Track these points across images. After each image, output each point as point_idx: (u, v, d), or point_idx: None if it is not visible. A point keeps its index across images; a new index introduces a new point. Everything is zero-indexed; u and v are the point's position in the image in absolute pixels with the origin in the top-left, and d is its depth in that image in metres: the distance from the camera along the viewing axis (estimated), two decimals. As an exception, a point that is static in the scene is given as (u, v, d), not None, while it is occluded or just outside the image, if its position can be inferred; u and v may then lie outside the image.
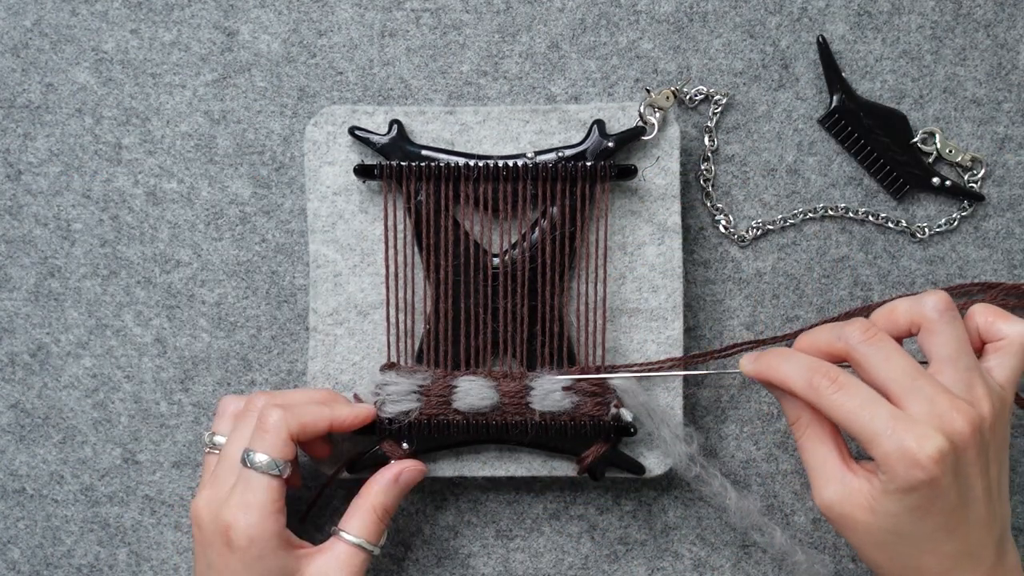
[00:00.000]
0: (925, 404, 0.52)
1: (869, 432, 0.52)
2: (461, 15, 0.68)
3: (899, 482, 0.52)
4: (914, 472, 0.51)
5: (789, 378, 0.56)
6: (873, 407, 0.53)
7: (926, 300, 0.56)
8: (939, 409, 0.52)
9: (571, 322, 0.65)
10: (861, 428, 0.53)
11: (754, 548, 0.69)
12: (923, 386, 0.53)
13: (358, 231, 0.65)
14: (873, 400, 0.53)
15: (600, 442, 0.64)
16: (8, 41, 0.69)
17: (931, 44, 0.68)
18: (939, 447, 0.51)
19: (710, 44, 0.68)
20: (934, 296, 0.56)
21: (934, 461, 0.51)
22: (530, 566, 0.69)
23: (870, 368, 0.54)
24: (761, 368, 0.58)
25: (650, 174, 0.65)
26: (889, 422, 0.52)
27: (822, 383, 0.54)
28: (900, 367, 0.54)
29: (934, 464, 0.51)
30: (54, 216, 0.69)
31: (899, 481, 0.52)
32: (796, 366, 0.56)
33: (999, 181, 0.68)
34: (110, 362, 0.69)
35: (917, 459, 0.51)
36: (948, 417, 0.52)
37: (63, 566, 0.69)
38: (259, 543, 0.57)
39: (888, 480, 0.52)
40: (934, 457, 0.51)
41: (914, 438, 0.51)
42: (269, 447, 0.58)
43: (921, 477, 0.51)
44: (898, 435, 0.51)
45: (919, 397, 0.53)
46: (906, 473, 0.51)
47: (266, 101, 0.68)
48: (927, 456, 0.51)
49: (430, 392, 0.63)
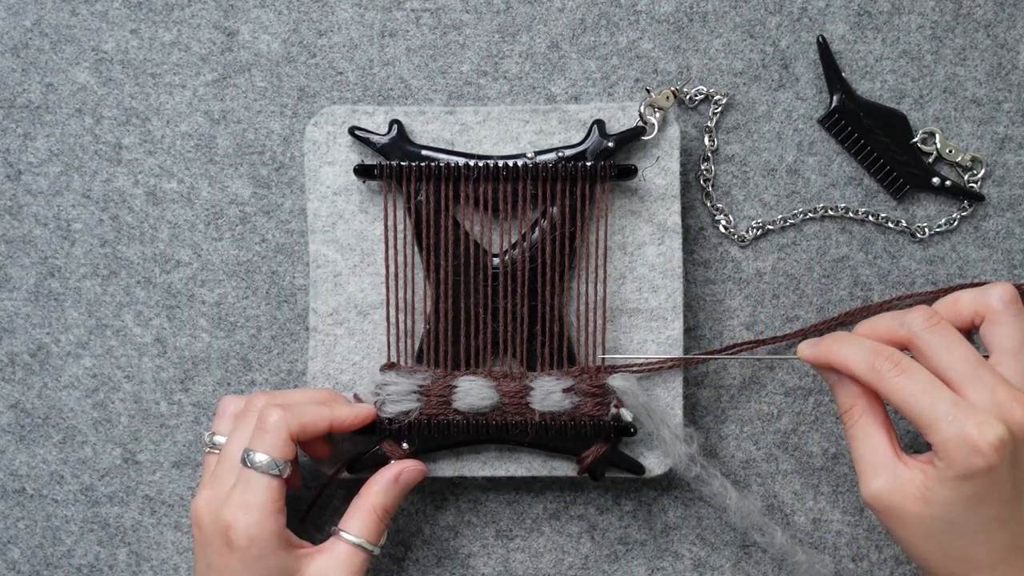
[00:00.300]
0: (986, 393, 0.52)
1: (929, 417, 0.52)
2: (461, 15, 0.68)
3: (957, 469, 0.52)
4: (973, 459, 0.51)
5: (851, 360, 0.56)
6: (935, 392, 0.53)
7: (991, 291, 0.56)
8: (1000, 399, 0.52)
9: (571, 322, 0.65)
10: (921, 412, 0.53)
11: (754, 548, 0.69)
12: (984, 375, 0.53)
13: (358, 231, 0.65)
14: (935, 386, 0.53)
15: (600, 442, 0.64)
16: (8, 41, 0.69)
17: (931, 44, 0.68)
18: (999, 435, 0.51)
19: (710, 44, 0.68)
20: (1000, 287, 0.56)
21: (994, 448, 0.51)
22: (530, 566, 0.69)
23: (932, 355, 0.54)
24: (821, 352, 0.57)
25: (650, 174, 0.65)
26: (950, 408, 0.52)
27: (884, 366, 0.54)
28: (962, 355, 0.54)
29: (994, 452, 0.51)
30: (54, 216, 0.69)
31: (957, 468, 0.52)
32: (858, 349, 0.56)
33: (999, 181, 0.68)
34: (110, 362, 0.69)
35: (977, 446, 0.51)
36: (1008, 407, 0.52)
37: (63, 566, 0.69)
38: (259, 543, 0.57)
39: (946, 467, 0.52)
40: (994, 444, 0.51)
41: (975, 425, 0.51)
42: (269, 447, 0.58)
43: (980, 464, 0.51)
44: (959, 421, 0.52)
45: (980, 386, 0.53)
46: (965, 460, 0.51)
47: (266, 101, 0.68)
48: (987, 443, 0.51)
49: (430, 392, 0.63)
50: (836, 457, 0.68)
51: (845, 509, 0.69)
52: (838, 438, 0.68)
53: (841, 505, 0.68)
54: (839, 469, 0.68)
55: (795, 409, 0.68)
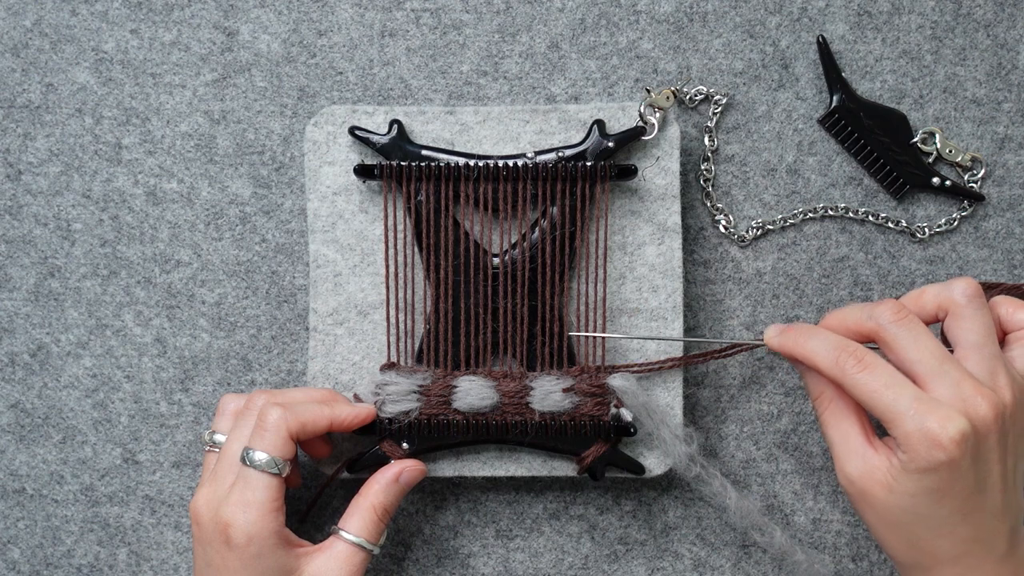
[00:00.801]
0: (950, 387, 0.53)
1: (892, 412, 0.53)
2: (461, 15, 0.68)
3: (919, 462, 0.52)
4: (935, 453, 0.52)
5: (815, 355, 0.56)
6: (897, 388, 0.53)
7: (955, 286, 0.56)
8: (964, 393, 0.53)
9: (571, 322, 0.65)
10: (885, 408, 0.53)
11: (754, 548, 0.69)
12: (949, 370, 0.53)
13: (358, 231, 0.65)
14: (897, 381, 0.54)
15: (600, 442, 0.64)
16: (8, 41, 0.69)
17: (931, 44, 0.68)
18: (961, 429, 0.51)
19: (710, 44, 0.68)
20: (963, 282, 0.56)
21: (955, 443, 0.51)
22: (530, 566, 0.69)
23: (899, 349, 0.55)
24: (787, 342, 0.58)
25: (650, 174, 0.65)
26: (912, 403, 0.52)
27: (848, 362, 0.55)
28: (928, 349, 0.54)
29: (955, 446, 0.51)
30: (54, 216, 0.69)
31: (919, 461, 0.52)
32: (823, 343, 0.56)
33: (999, 181, 0.68)
34: (110, 362, 0.69)
35: (939, 440, 0.51)
36: (972, 402, 0.52)
37: (63, 566, 0.69)
38: (258, 541, 0.57)
39: (908, 460, 0.52)
40: (955, 439, 0.51)
41: (937, 420, 0.52)
42: (269, 445, 0.58)
43: (941, 458, 0.52)
44: (921, 416, 0.52)
45: (945, 380, 0.53)
46: (927, 453, 0.52)
47: (266, 101, 0.68)
48: (949, 438, 0.51)
49: (430, 392, 0.63)
50: (836, 457, 0.68)
51: (845, 509, 0.68)
52: (838, 438, 0.68)
53: (841, 505, 0.68)
54: (839, 469, 0.68)
55: (795, 409, 0.68)
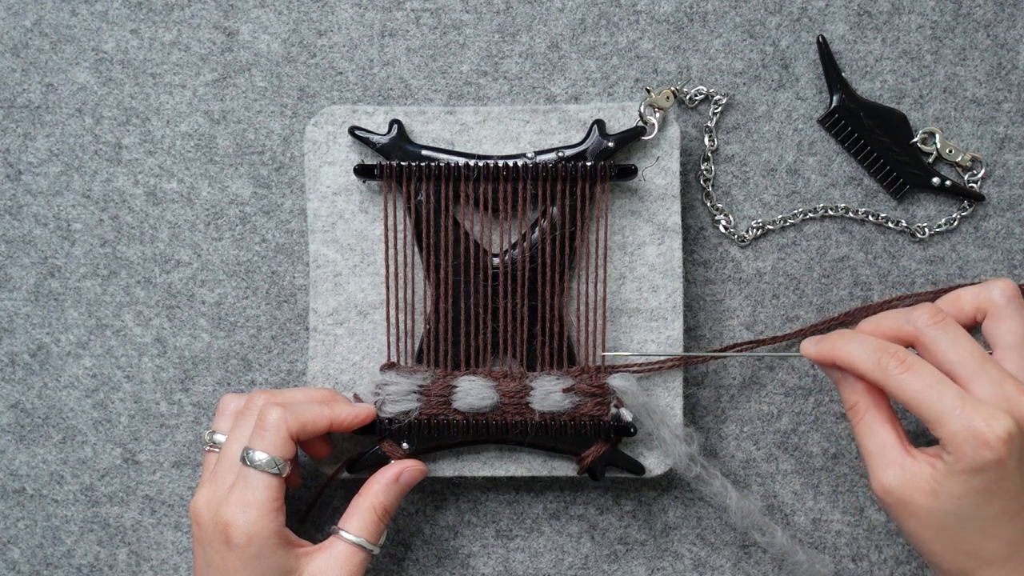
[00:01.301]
0: (992, 387, 0.53)
1: (937, 412, 0.53)
2: (461, 15, 0.68)
3: (966, 462, 0.52)
4: (982, 452, 0.51)
5: (856, 358, 0.56)
6: (941, 387, 0.53)
7: (993, 287, 0.57)
8: (1006, 392, 0.53)
9: (571, 322, 0.65)
10: (929, 408, 0.53)
11: (754, 548, 0.69)
12: (990, 370, 0.53)
13: (358, 231, 0.65)
14: (941, 381, 0.53)
15: (600, 442, 0.64)
16: (8, 41, 0.69)
17: (931, 44, 0.68)
18: (1008, 428, 0.51)
19: (710, 44, 0.68)
20: (1001, 283, 0.57)
21: (1002, 441, 0.51)
22: (530, 566, 0.69)
23: (938, 351, 0.55)
24: (825, 350, 0.57)
25: (650, 174, 0.65)
26: (957, 402, 0.52)
27: (890, 363, 0.54)
28: (968, 350, 0.54)
29: (1002, 444, 0.51)
30: (54, 216, 0.69)
31: (966, 461, 0.52)
32: (863, 347, 0.56)
33: (999, 181, 0.68)
34: (110, 362, 0.69)
35: (986, 439, 0.51)
36: (1015, 400, 0.52)
37: (63, 566, 0.69)
38: (258, 541, 0.57)
39: (955, 461, 0.52)
40: (1003, 437, 0.51)
41: (983, 419, 0.51)
42: (269, 445, 0.58)
43: (989, 457, 0.51)
44: (967, 415, 0.52)
45: (986, 380, 0.53)
46: (974, 453, 0.51)
47: (266, 101, 0.68)
48: (996, 436, 0.51)
49: (430, 392, 0.63)
50: (836, 457, 0.68)
51: (845, 509, 0.68)
52: (838, 438, 0.68)
53: (841, 505, 0.68)
54: (839, 469, 0.68)
55: (795, 409, 0.68)
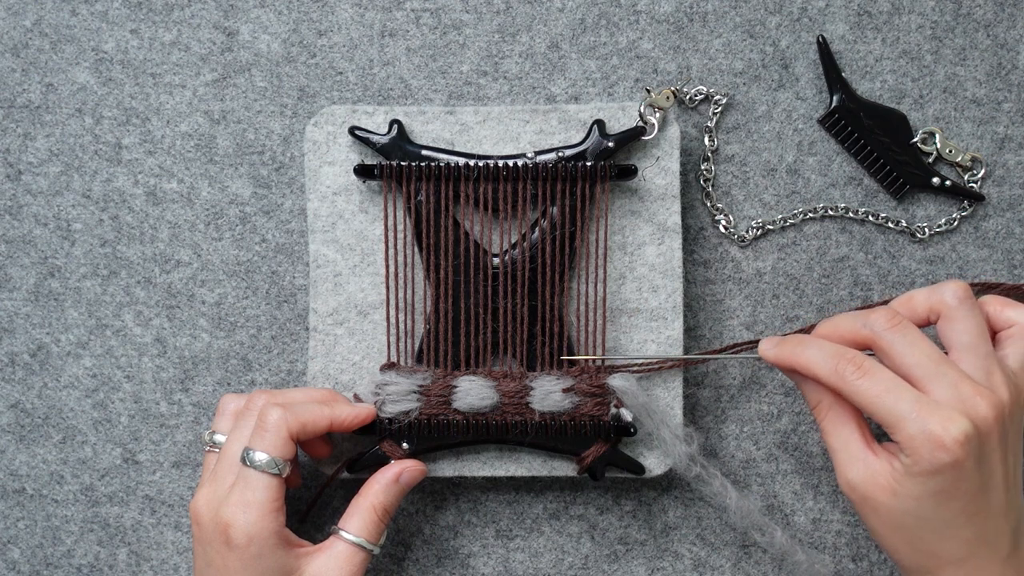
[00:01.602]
0: (949, 389, 0.53)
1: (894, 416, 0.53)
2: (461, 15, 0.68)
3: (924, 465, 0.52)
4: (939, 455, 0.52)
5: (813, 363, 0.56)
6: (898, 392, 0.53)
7: (945, 289, 0.56)
8: (963, 394, 0.53)
9: (571, 322, 0.65)
10: (886, 412, 0.53)
11: (754, 548, 0.69)
12: (947, 372, 0.53)
13: (358, 231, 0.65)
14: (897, 385, 0.54)
15: (600, 442, 0.64)
16: (8, 41, 0.69)
17: (931, 44, 0.68)
18: (964, 430, 0.51)
19: (710, 44, 0.68)
20: (953, 285, 0.56)
21: (959, 444, 0.51)
22: (530, 566, 0.69)
23: (895, 355, 0.55)
24: (783, 354, 0.58)
25: (650, 174, 0.65)
26: (914, 406, 0.52)
27: (847, 369, 0.55)
28: (924, 353, 0.54)
29: (959, 447, 0.51)
30: (54, 216, 0.69)
31: (924, 464, 0.52)
32: (820, 352, 0.56)
33: (999, 181, 0.68)
34: (110, 362, 0.69)
35: (942, 441, 0.51)
36: (972, 402, 0.53)
37: (63, 566, 0.69)
38: (258, 541, 0.57)
39: (912, 463, 0.52)
40: (959, 440, 0.51)
41: (939, 421, 0.52)
42: (269, 446, 0.58)
43: (946, 460, 0.52)
44: (923, 418, 0.52)
45: (943, 382, 0.53)
46: (931, 456, 0.52)
47: (266, 101, 0.68)
48: (952, 439, 0.51)
49: (430, 392, 0.63)
50: (836, 457, 0.68)
51: (845, 509, 0.68)
52: (838, 438, 0.68)
53: (841, 505, 0.68)
54: (839, 469, 0.68)
55: (795, 409, 0.68)
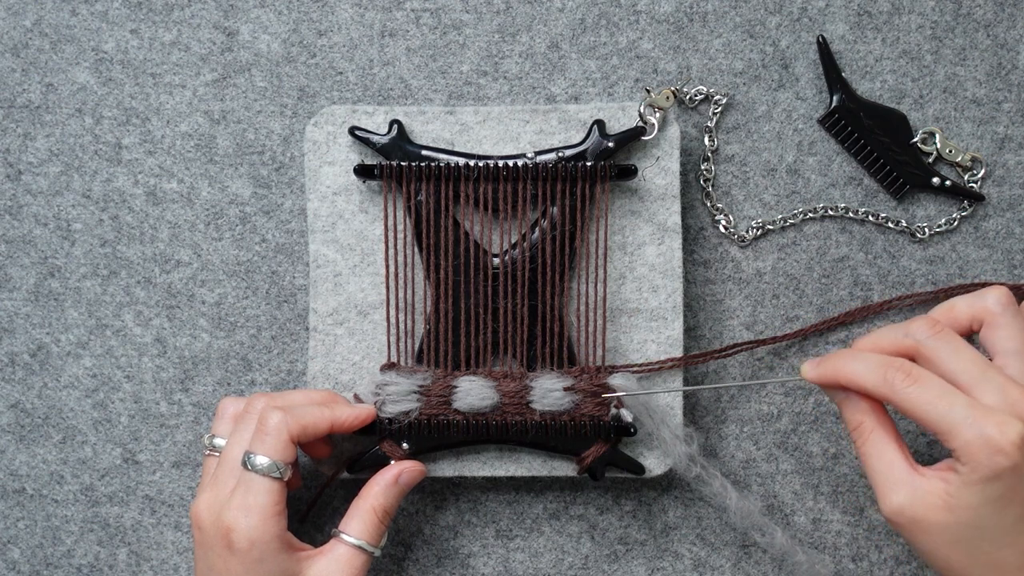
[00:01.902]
0: (998, 393, 0.53)
1: (948, 422, 0.52)
2: (461, 15, 0.68)
3: (982, 471, 0.52)
4: (997, 459, 0.51)
5: (860, 376, 0.55)
6: (950, 398, 0.53)
7: (988, 295, 0.56)
8: (1012, 398, 0.52)
9: (571, 322, 0.65)
10: (940, 419, 0.52)
11: (754, 548, 0.69)
12: (993, 377, 0.53)
13: (358, 231, 0.65)
14: (949, 391, 0.53)
15: (600, 442, 0.64)
16: (8, 41, 0.69)
17: (931, 44, 0.68)
18: (1020, 432, 0.51)
19: (710, 44, 0.68)
20: (996, 291, 0.56)
21: (1016, 447, 0.51)
22: (530, 566, 0.69)
23: (939, 362, 0.54)
24: (828, 371, 0.56)
25: (650, 174, 0.65)
26: (968, 411, 0.52)
27: (896, 377, 0.54)
28: (969, 359, 0.54)
29: (1016, 449, 0.51)
30: (54, 216, 0.69)
31: (982, 470, 0.52)
32: (866, 363, 0.55)
33: (999, 181, 0.68)
34: (110, 362, 0.69)
35: (1000, 445, 0.51)
36: (1022, 405, 0.52)
37: (63, 566, 0.69)
38: (260, 545, 0.57)
39: (969, 471, 0.52)
40: (1016, 443, 0.51)
41: (994, 425, 0.51)
42: (270, 449, 0.58)
43: (1004, 464, 0.51)
44: (978, 423, 0.51)
45: (991, 387, 0.53)
46: (989, 460, 0.51)
47: (266, 101, 0.68)
48: (1009, 442, 0.51)
49: (430, 392, 0.64)
50: (836, 457, 0.68)
51: (845, 509, 0.69)
52: (838, 438, 0.68)
53: (841, 505, 0.69)
54: (839, 469, 0.68)
55: (795, 409, 0.68)
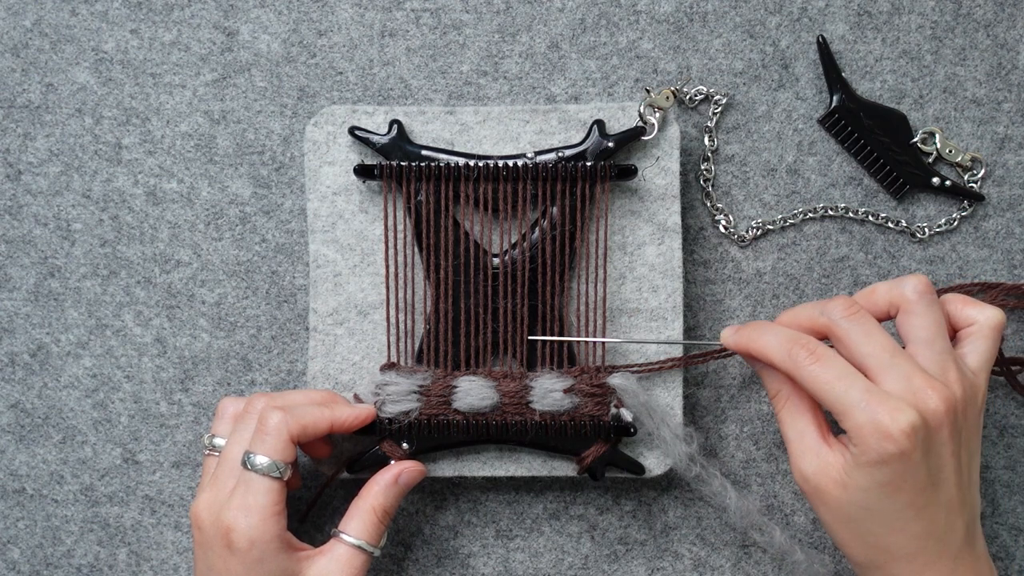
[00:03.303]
0: (901, 381, 0.53)
1: (843, 404, 0.53)
2: (461, 15, 0.68)
3: (871, 455, 0.52)
4: (885, 445, 0.52)
5: (768, 349, 0.57)
6: (849, 380, 0.54)
7: (906, 283, 0.57)
8: (914, 386, 0.53)
9: (571, 322, 0.65)
10: (836, 399, 0.54)
11: (754, 548, 0.69)
12: (900, 363, 0.54)
13: (358, 231, 0.65)
14: (849, 373, 0.54)
15: (600, 442, 0.64)
16: (8, 41, 0.69)
17: (931, 44, 0.68)
18: (911, 421, 0.52)
19: (710, 44, 0.68)
20: (914, 279, 0.57)
21: (905, 435, 0.52)
22: (530, 566, 0.69)
23: (850, 343, 0.55)
24: (742, 339, 0.59)
25: (650, 174, 0.65)
26: (864, 395, 0.53)
27: (800, 354, 0.55)
28: (879, 343, 0.55)
29: (905, 438, 0.52)
30: (54, 216, 0.69)
31: (871, 454, 0.52)
32: (776, 337, 0.57)
33: (999, 181, 0.68)
34: (110, 362, 0.69)
35: (889, 431, 0.52)
36: (923, 395, 0.53)
37: (63, 566, 0.69)
38: (260, 545, 0.57)
39: (860, 453, 0.53)
40: (906, 431, 0.52)
41: (887, 411, 0.52)
42: (270, 449, 0.58)
43: (892, 450, 0.52)
44: (871, 408, 0.52)
45: (896, 374, 0.54)
46: (877, 445, 0.52)
47: (266, 101, 0.68)
48: (899, 429, 0.52)
49: (430, 392, 0.64)
50: (836, 457, 0.68)
51: (845, 509, 0.69)
52: (838, 438, 0.68)
53: (841, 505, 0.69)
54: (839, 469, 0.68)
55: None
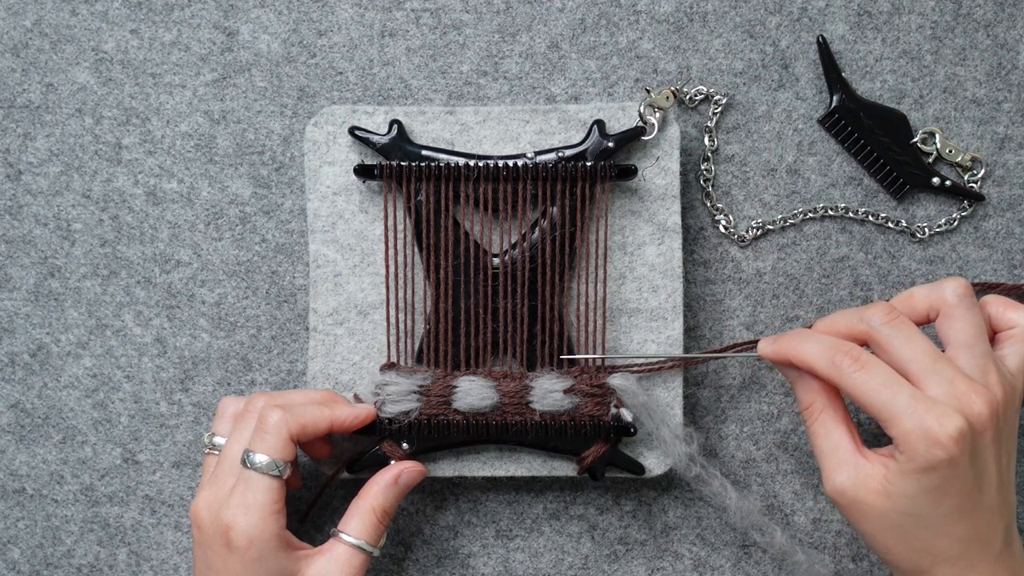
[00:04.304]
0: (945, 386, 0.53)
1: (890, 411, 0.53)
2: (461, 15, 0.68)
3: (919, 461, 0.52)
4: (934, 451, 0.52)
5: (810, 356, 0.56)
6: (894, 386, 0.53)
7: (946, 286, 0.57)
8: (958, 391, 0.53)
9: (571, 322, 0.65)
10: (882, 407, 0.53)
11: (754, 548, 0.69)
12: (943, 368, 0.54)
13: (358, 231, 0.65)
14: (894, 380, 0.54)
15: (600, 442, 0.64)
16: (8, 41, 0.69)
17: (931, 44, 0.68)
18: (959, 427, 0.52)
19: (710, 44, 0.68)
20: (953, 282, 0.57)
21: (954, 440, 0.51)
22: (530, 566, 0.69)
23: (891, 349, 0.55)
24: (781, 348, 0.57)
25: (650, 174, 0.65)
26: (910, 401, 0.53)
27: (844, 361, 0.55)
28: (921, 349, 0.54)
29: (954, 443, 0.51)
30: (54, 216, 0.69)
31: (919, 460, 0.52)
32: (818, 345, 0.56)
33: (999, 181, 0.68)
34: (110, 362, 0.69)
35: (937, 438, 0.51)
36: (967, 399, 0.53)
37: (63, 566, 0.69)
38: (259, 544, 0.57)
39: (907, 460, 0.52)
40: (954, 436, 0.51)
41: (935, 417, 0.52)
42: (269, 448, 0.58)
43: (941, 456, 0.52)
44: (919, 414, 0.52)
45: (939, 379, 0.53)
46: (926, 452, 0.52)
47: (266, 101, 0.68)
48: (947, 435, 0.51)
49: (430, 392, 0.64)
50: (836, 457, 0.68)
51: (845, 509, 0.69)
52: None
53: (841, 505, 0.69)
54: (839, 469, 0.68)
55: (795, 409, 0.68)
